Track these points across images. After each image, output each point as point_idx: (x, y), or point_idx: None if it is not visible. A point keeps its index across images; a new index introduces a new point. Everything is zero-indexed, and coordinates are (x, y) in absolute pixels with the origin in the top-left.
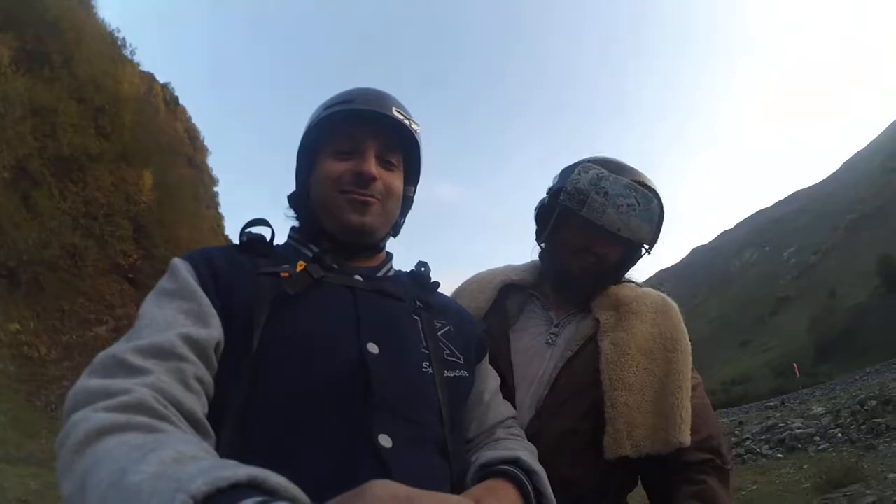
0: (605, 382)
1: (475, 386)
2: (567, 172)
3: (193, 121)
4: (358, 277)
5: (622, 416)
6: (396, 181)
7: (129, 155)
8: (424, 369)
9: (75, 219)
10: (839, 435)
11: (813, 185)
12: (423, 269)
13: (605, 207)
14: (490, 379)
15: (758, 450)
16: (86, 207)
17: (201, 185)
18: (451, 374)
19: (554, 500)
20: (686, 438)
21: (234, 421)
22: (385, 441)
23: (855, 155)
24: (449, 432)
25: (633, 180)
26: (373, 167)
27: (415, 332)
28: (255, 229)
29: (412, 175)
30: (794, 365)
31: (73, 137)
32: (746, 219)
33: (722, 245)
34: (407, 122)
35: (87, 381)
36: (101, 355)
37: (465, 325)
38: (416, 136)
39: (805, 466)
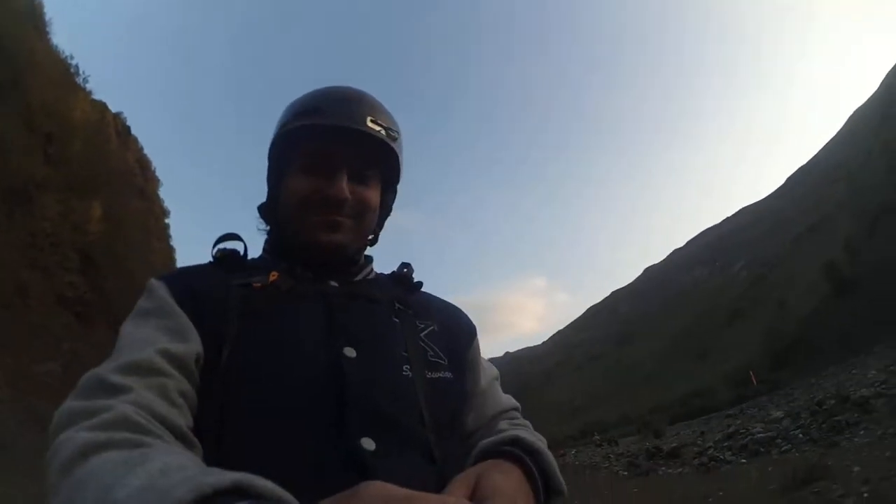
0: None
1: (468, 378)
2: None
3: (145, 151)
4: (333, 283)
5: None
6: (371, 194)
7: (78, 184)
8: (405, 372)
9: (21, 249)
10: (800, 435)
11: (759, 201)
12: (405, 269)
13: None
14: (484, 369)
15: (721, 457)
16: (32, 238)
17: (152, 217)
18: (434, 375)
19: (562, 480)
20: None
21: (210, 436)
22: (368, 444)
23: (798, 170)
24: (433, 435)
25: None
26: (344, 189)
27: (394, 335)
28: (228, 244)
29: (391, 181)
30: (751, 373)
31: (21, 162)
32: (696, 237)
33: (673, 263)
34: (383, 132)
35: (71, 403)
36: (84, 377)
37: (451, 321)
38: (395, 147)
39: (770, 469)
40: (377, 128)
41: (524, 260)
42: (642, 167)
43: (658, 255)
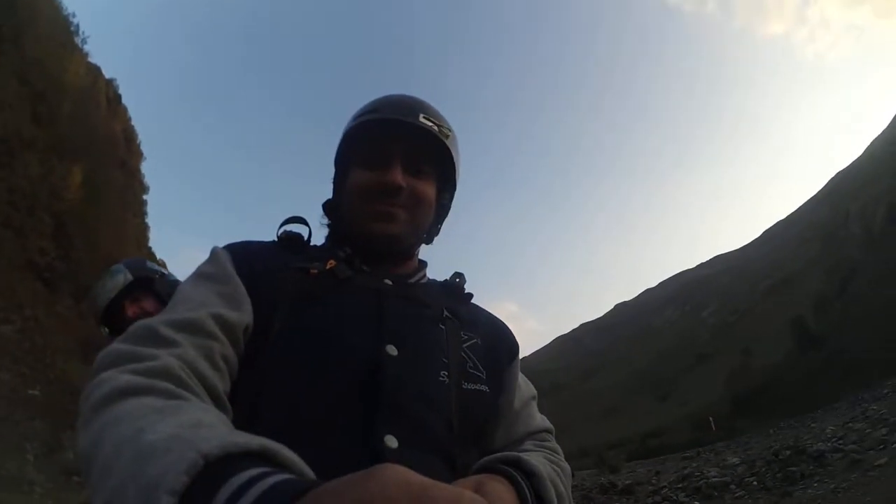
0: None
1: (503, 395)
2: None
3: (133, 122)
4: (387, 281)
5: None
6: (426, 188)
7: (61, 147)
8: (441, 378)
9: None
10: (755, 483)
11: (734, 250)
12: (457, 279)
13: None
14: (521, 388)
15: (675, 497)
16: (9, 195)
17: (131, 191)
18: (470, 386)
19: None
20: None
21: (245, 405)
22: (391, 442)
23: (776, 224)
24: (458, 445)
25: None
26: (398, 177)
27: (437, 340)
28: (293, 227)
29: (447, 181)
30: (710, 418)
31: (7, 117)
32: (670, 278)
33: (645, 302)
34: (436, 128)
35: (118, 346)
36: (134, 325)
37: (495, 337)
38: (448, 142)
39: None
40: (429, 123)
41: (496, 283)
42: (623, 205)
43: (630, 292)
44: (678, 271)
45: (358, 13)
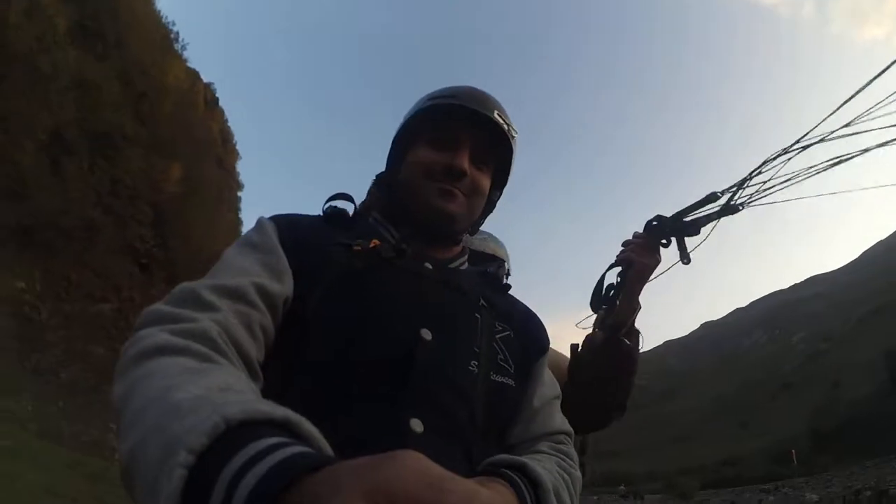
0: None
1: (527, 391)
2: None
3: (229, 124)
4: (428, 265)
5: None
6: (485, 181)
7: (162, 144)
8: (471, 367)
9: (99, 194)
10: None
11: (831, 271)
12: (498, 268)
13: None
14: (545, 386)
15: None
16: (112, 185)
17: (227, 188)
18: (498, 378)
19: None
20: None
21: (277, 375)
22: (416, 426)
23: (877, 244)
24: (479, 437)
25: None
26: (465, 162)
27: (471, 329)
28: (339, 203)
29: (500, 180)
30: (792, 451)
31: (112, 116)
32: (761, 298)
33: (733, 323)
34: (506, 126)
35: (160, 306)
36: (178, 287)
37: (528, 331)
38: (513, 142)
39: None
40: (500, 120)
41: (577, 292)
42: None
43: (719, 311)
44: (770, 291)
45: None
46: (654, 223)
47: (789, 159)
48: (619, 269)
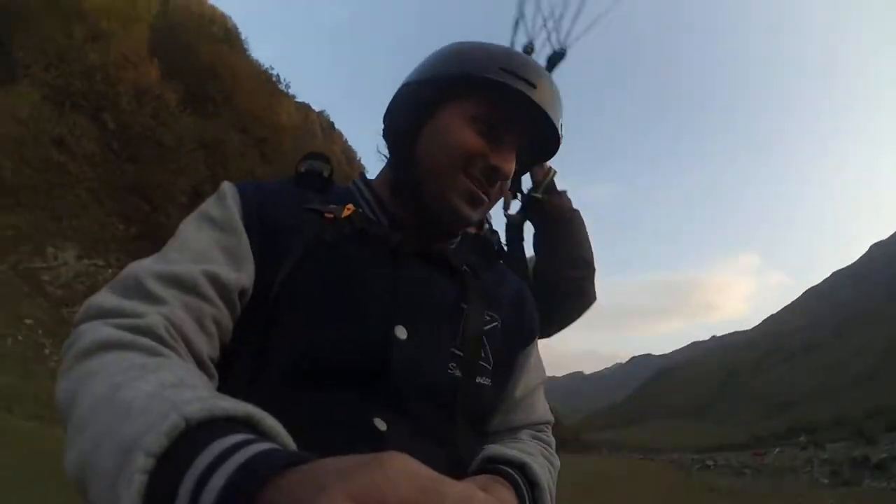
0: None
1: (506, 385)
2: None
3: (349, 143)
4: (406, 245)
5: None
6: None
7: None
8: (450, 370)
9: None
10: None
11: None
12: (492, 234)
13: None
14: (529, 373)
15: None
16: None
17: None
18: (480, 380)
19: None
20: None
21: (239, 371)
22: (380, 425)
23: None
24: (454, 434)
25: None
26: (511, 167)
27: (454, 325)
28: (315, 164)
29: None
30: None
31: (240, 164)
32: None
33: None
34: (558, 124)
35: (104, 297)
36: (125, 272)
37: (516, 318)
38: (559, 140)
39: None
40: (554, 119)
41: (733, 235)
42: (870, 128)
43: (887, 229)
44: None
45: None
46: None
47: None
48: None
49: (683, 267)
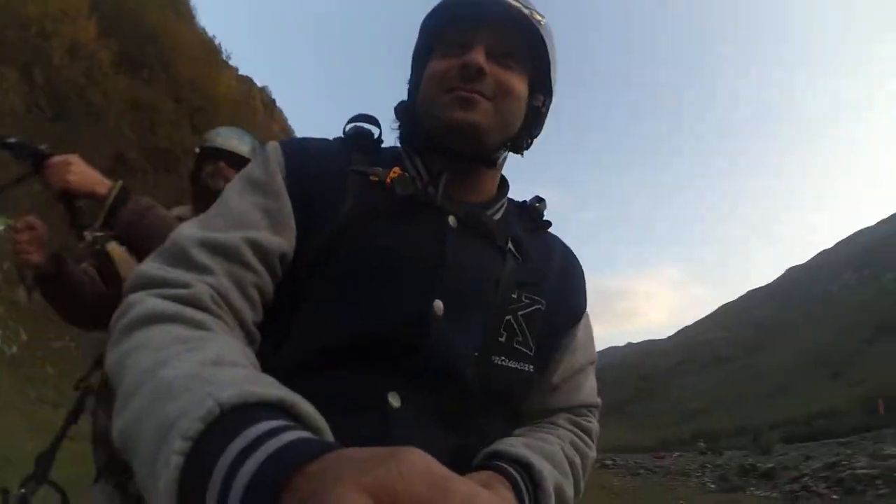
0: None
1: (548, 368)
2: None
3: (289, 122)
4: (451, 218)
5: None
6: (513, 80)
7: None
8: (476, 351)
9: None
10: None
11: None
12: (537, 203)
13: None
14: (574, 353)
15: (814, 488)
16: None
17: None
18: (513, 364)
19: None
20: None
21: (275, 337)
22: (394, 400)
23: None
24: (478, 415)
25: None
26: (480, 58)
27: (492, 300)
28: (363, 125)
29: (541, 81)
30: (880, 401)
31: (170, 132)
32: (847, 237)
33: (819, 266)
34: (526, 10)
35: (151, 267)
36: (170, 238)
37: (562, 297)
38: (540, 28)
39: None
40: (518, 4)
41: (658, 247)
42: (796, 155)
43: (804, 254)
44: (857, 229)
45: None
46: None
47: None
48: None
49: (611, 274)
